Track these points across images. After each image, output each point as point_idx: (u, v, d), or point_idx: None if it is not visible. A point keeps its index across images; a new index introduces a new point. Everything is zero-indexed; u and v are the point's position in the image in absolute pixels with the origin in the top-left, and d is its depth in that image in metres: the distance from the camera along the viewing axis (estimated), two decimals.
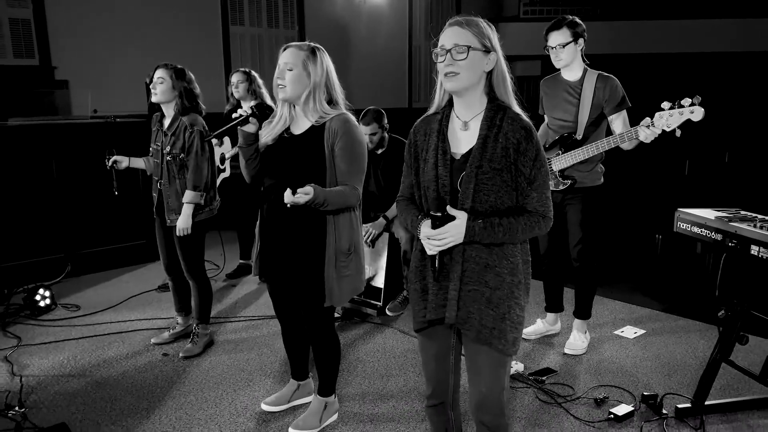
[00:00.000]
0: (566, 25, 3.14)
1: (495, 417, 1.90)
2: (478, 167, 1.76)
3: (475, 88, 1.79)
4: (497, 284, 1.79)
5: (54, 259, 4.77)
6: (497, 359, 1.84)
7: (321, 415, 2.72)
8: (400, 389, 3.07)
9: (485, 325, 1.80)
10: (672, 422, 2.74)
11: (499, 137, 1.76)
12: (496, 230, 1.74)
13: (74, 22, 5.95)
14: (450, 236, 1.76)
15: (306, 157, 2.42)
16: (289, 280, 2.56)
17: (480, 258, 1.79)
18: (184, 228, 3.24)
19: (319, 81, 2.37)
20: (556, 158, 3.23)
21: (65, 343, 3.63)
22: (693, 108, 2.82)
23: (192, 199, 3.24)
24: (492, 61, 1.77)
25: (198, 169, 3.24)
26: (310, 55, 2.36)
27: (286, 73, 2.35)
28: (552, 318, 3.70)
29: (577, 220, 3.30)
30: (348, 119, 2.41)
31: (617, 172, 3.81)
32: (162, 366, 3.33)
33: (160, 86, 3.21)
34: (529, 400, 2.96)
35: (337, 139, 2.37)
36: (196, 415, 2.83)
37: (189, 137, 3.22)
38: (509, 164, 1.75)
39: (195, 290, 3.46)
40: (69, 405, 2.92)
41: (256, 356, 3.45)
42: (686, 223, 2.79)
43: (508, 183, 1.77)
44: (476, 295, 1.80)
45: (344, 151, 2.38)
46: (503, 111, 1.79)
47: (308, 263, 2.47)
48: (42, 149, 4.73)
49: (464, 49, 1.72)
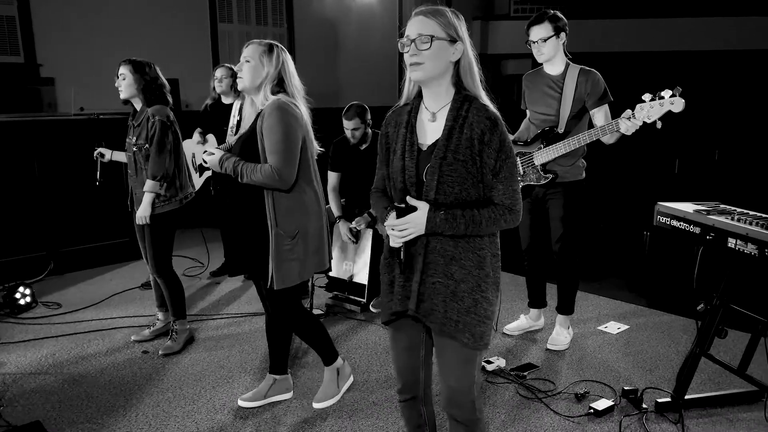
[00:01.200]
0: (548, 19, 3.13)
1: (465, 412, 1.88)
2: (442, 158, 1.74)
3: (441, 78, 1.77)
4: (462, 277, 1.77)
5: (36, 257, 4.73)
6: (465, 354, 1.82)
7: (337, 381, 2.84)
8: (380, 384, 3.05)
9: (450, 318, 1.78)
10: (652, 416, 2.73)
11: (464, 128, 1.74)
12: (458, 221, 1.72)
13: (60, 20, 5.90)
14: (411, 227, 1.74)
15: (247, 144, 2.53)
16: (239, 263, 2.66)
17: (445, 250, 1.77)
18: (142, 216, 3.23)
19: (272, 73, 2.50)
20: (538, 152, 3.21)
21: (44, 340, 3.59)
22: (673, 99, 2.81)
23: (150, 188, 3.22)
24: (458, 51, 1.74)
25: (157, 158, 3.21)
26: (266, 50, 2.52)
27: (244, 65, 2.52)
28: (535, 314, 3.69)
29: (559, 215, 3.28)
30: (280, 103, 2.46)
31: (602, 168, 3.80)
32: (141, 363, 3.30)
33: (123, 82, 3.24)
34: (510, 395, 2.94)
35: (264, 119, 2.46)
36: (173, 413, 2.80)
37: (151, 127, 3.21)
38: (474, 155, 1.73)
39: (164, 286, 3.43)
40: (44, 403, 2.89)
41: (236, 353, 3.42)
42: (666, 216, 2.78)
43: (474, 174, 1.74)
44: (440, 288, 1.78)
45: (268, 130, 2.45)
46: (470, 102, 1.77)
47: (254, 247, 2.55)
48: (24, 146, 4.69)
49: (428, 38, 1.70)
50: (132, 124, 3.32)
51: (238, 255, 2.63)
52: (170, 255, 3.41)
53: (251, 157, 2.49)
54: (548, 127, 3.22)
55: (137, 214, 3.25)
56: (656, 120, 2.85)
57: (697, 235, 2.58)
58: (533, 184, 3.25)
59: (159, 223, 3.26)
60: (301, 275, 2.58)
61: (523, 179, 3.27)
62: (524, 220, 3.42)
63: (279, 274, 2.52)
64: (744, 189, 6.26)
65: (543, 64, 3.27)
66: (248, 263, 2.61)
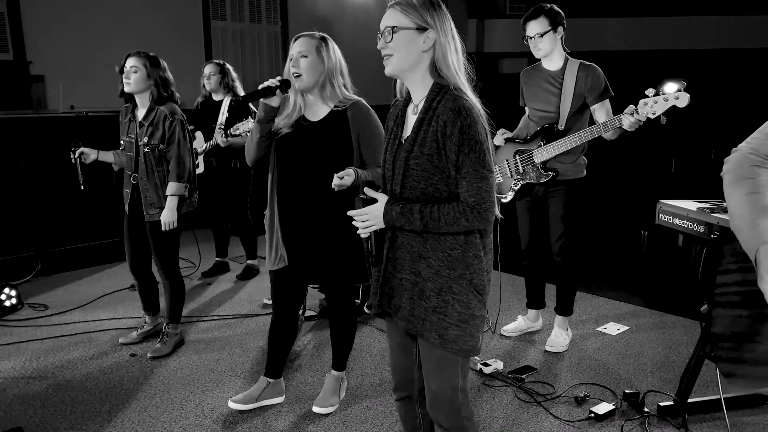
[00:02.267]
0: (544, 13, 3.05)
1: (448, 417, 1.80)
2: (409, 151, 1.69)
3: (415, 69, 1.69)
4: (429, 276, 1.69)
5: (23, 257, 4.62)
6: (443, 356, 1.74)
7: (339, 390, 2.82)
8: (375, 388, 2.96)
9: (416, 315, 1.72)
10: (654, 421, 2.65)
11: (432, 120, 1.65)
12: (414, 216, 1.64)
13: (50, 16, 5.80)
14: (370, 218, 1.71)
15: (331, 143, 2.45)
16: (319, 267, 2.60)
17: (412, 247, 1.71)
18: (170, 221, 3.11)
19: (334, 66, 2.44)
20: (538, 150, 3.13)
21: (28, 343, 3.49)
22: (678, 94, 2.73)
23: (177, 190, 3.11)
24: (430, 39, 1.65)
25: (181, 159, 3.11)
26: (322, 42, 2.42)
27: (300, 60, 2.38)
28: (533, 315, 3.61)
29: (560, 213, 3.20)
30: (367, 106, 2.51)
31: (602, 167, 3.73)
32: (128, 367, 3.20)
33: (134, 75, 3.07)
34: (508, 399, 2.86)
35: (364, 126, 2.46)
36: (160, 418, 2.71)
37: (170, 127, 3.09)
38: (439, 149, 1.64)
39: (168, 289, 3.33)
40: (27, 408, 2.79)
41: (227, 356, 3.33)
42: (668, 215, 2.71)
43: (442, 169, 1.65)
44: (407, 284, 1.72)
45: (372, 137, 2.47)
46: (444, 92, 1.67)
47: (340, 247, 2.52)
48: (11, 144, 4.58)
49: (390, 30, 1.65)
50: (134, 121, 3.17)
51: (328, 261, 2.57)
52: (177, 256, 3.33)
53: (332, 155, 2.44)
54: (548, 123, 3.14)
55: (163, 219, 3.10)
56: (660, 115, 2.77)
57: (700, 233, 2.50)
58: (533, 182, 3.16)
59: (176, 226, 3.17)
60: None
61: (523, 178, 3.18)
62: (524, 219, 3.35)
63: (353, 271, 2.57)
64: None
65: (541, 60, 3.19)
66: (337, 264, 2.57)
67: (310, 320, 3.83)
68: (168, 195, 3.11)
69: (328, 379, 2.85)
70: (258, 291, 4.39)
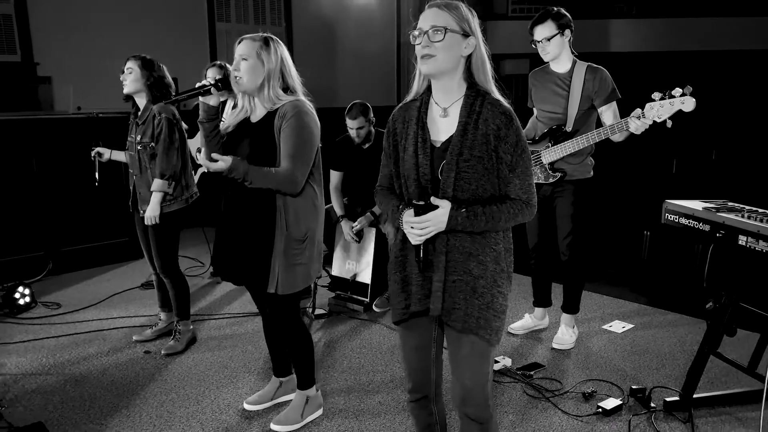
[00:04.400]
0: (551, 17, 3.11)
1: (479, 409, 1.85)
2: (459, 155, 1.71)
3: (453, 72, 1.75)
4: (481, 273, 1.75)
5: (34, 257, 4.68)
6: (481, 350, 1.80)
7: (303, 409, 2.68)
8: (386, 384, 3.02)
9: (471, 314, 1.76)
10: (660, 415, 2.71)
11: (479, 124, 1.71)
12: (479, 219, 1.70)
13: (57, 18, 5.85)
14: (432, 225, 1.71)
15: (259, 143, 2.40)
16: (240, 268, 2.50)
17: (463, 247, 1.75)
18: (151, 216, 3.19)
19: (273, 69, 2.36)
20: (546, 151, 3.20)
21: (44, 341, 3.55)
22: (684, 98, 2.79)
23: (159, 187, 3.18)
24: (471, 45, 1.72)
25: (165, 157, 3.18)
26: (263, 45, 2.35)
27: (241, 63, 2.34)
28: (540, 313, 3.67)
29: (567, 212, 3.26)
30: (300, 104, 2.38)
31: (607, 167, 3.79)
32: (143, 363, 3.26)
33: (129, 77, 3.19)
34: (517, 394, 2.92)
35: (285, 121, 2.35)
36: (177, 413, 2.77)
37: (158, 125, 3.18)
38: (490, 151, 1.71)
39: (170, 286, 3.40)
40: (46, 404, 2.84)
41: (240, 353, 3.39)
42: (674, 214, 2.77)
43: (490, 170, 1.72)
44: (461, 285, 1.76)
45: (287, 133, 2.34)
46: (482, 97, 1.74)
47: (256, 249, 2.43)
48: (22, 145, 4.63)
49: (441, 30, 1.68)
50: (135, 121, 3.27)
51: (235, 259, 2.50)
52: (176, 254, 3.38)
53: (262, 156, 2.37)
54: (556, 125, 3.20)
55: (146, 214, 3.19)
56: (666, 119, 2.83)
57: (706, 232, 2.57)
58: (541, 182, 3.23)
59: (165, 222, 3.22)
60: (306, 280, 2.51)
61: None
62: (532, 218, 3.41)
63: (286, 278, 2.42)
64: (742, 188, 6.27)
65: (549, 62, 3.25)
66: (248, 269, 2.46)
67: (319, 318, 3.89)
68: (151, 191, 3.20)
69: (294, 396, 2.77)
70: None
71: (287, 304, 2.55)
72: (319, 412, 2.74)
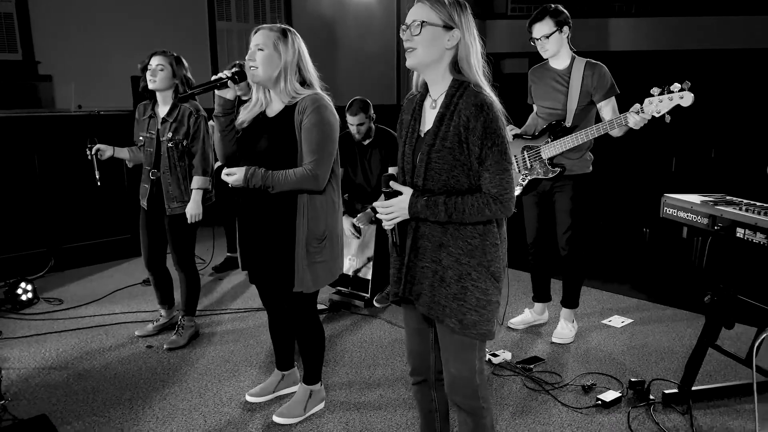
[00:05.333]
0: (549, 14, 3.13)
1: (466, 399, 1.88)
2: (431, 145, 1.76)
3: (437, 65, 1.77)
4: (450, 264, 1.78)
5: (36, 253, 4.70)
6: (461, 340, 1.82)
7: (306, 403, 2.69)
8: (387, 378, 3.05)
9: (437, 302, 1.80)
10: (659, 407, 2.73)
11: (454, 115, 1.73)
12: (439, 208, 1.73)
13: (58, 17, 5.87)
14: (396, 210, 1.79)
15: (278, 138, 2.37)
16: (263, 267, 2.52)
17: (433, 236, 1.79)
18: (196, 214, 3.23)
19: (291, 61, 2.33)
20: (545, 146, 3.22)
21: (47, 336, 3.57)
22: (682, 93, 2.81)
23: (202, 184, 3.24)
24: (455, 38, 1.73)
25: (206, 154, 3.25)
26: (281, 36, 2.33)
27: (257, 53, 2.31)
28: (539, 308, 3.69)
29: (567, 207, 3.29)
30: (319, 98, 2.35)
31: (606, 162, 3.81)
32: (146, 358, 3.28)
33: (160, 73, 3.17)
34: (517, 387, 2.94)
35: (305, 116, 2.32)
36: (179, 406, 2.79)
37: (195, 123, 3.21)
38: (461, 142, 1.72)
39: (183, 282, 3.42)
40: (50, 397, 2.86)
41: (242, 347, 3.41)
42: (673, 208, 2.79)
43: (463, 162, 1.73)
44: (429, 272, 1.80)
45: (309, 129, 2.32)
46: (464, 88, 1.76)
47: (279, 249, 2.42)
48: (24, 142, 4.66)
49: (419, 24, 1.71)
50: (154, 118, 3.27)
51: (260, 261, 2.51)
52: (193, 250, 3.42)
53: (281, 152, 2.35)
54: (555, 120, 3.23)
55: (189, 212, 3.22)
56: (665, 114, 2.85)
57: (704, 225, 2.59)
58: (540, 177, 3.25)
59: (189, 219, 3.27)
60: (328, 278, 2.50)
61: (530, 173, 3.27)
62: (530, 213, 3.43)
63: (309, 277, 2.42)
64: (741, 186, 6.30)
65: (549, 59, 3.27)
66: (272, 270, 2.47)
67: (320, 314, 3.91)
68: (193, 189, 3.23)
69: (298, 389, 2.78)
70: None
71: (308, 301, 2.56)
72: (321, 406, 2.77)
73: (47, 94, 5.85)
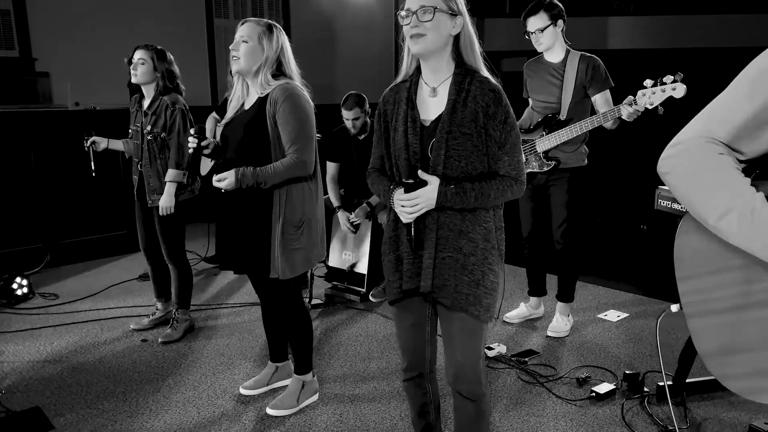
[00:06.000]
0: (543, 8, 3.13)
1: (472, 386, 1.88)
2: (448, 132, 1.74)
3: (442, 52, 1.77)
4: (471, 250, 1.77)
5: (32, 249, 4.70)
6: (472, 326, 1.82)
7: (298, 394, 2.70)
8: (381, 371, 3.04)
9: (460, 291, 1.78)
10: (653, 399, 2.73)
11: (468, 101, 1.73)
12: (468, 195, 1.72)
13: (55, 14, 5.87)
14: (422, 202, 1.73)
15: (252, 130, 2.40)
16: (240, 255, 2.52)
17: (454, 224, 1.78)
18: (167, 207, 3.21)
19: (272, 56, 2.39)
20: (540, 139, 3.22)
21: (42, 330, 3.56)
22: (675, 85, 2.81)
23: (174, 177, 3.21)
24: (459, 24, 1.74)
25: (180, 147, 3.21)
26: (266, 30, 2.38)
27: (240, 45, 2.36)
28: (535, 302, 3.69)
29: (562, 201, 3.29)
30: (290, 87, 2.38)
31: (601, 156, 3.82)
32: (140, 351, 3.28)
33: (141, 67, 3.19)
34: (512, 380, 2.94)
35: (278, 107, 2.35)
36: (173, 398, 2.79)
37: (171, 116, 3.20)
38: (479, 128, 1.73)
39: (175, 275, 3.42)
40: (44, 390, 2.86)
41: (236, 341, 3.41)
42: (667, 200, 2.79)
43: (479, 148, 1.74)
44: (451, 262, 1.78)
45: (284, 118, 2.35)
46: (471, 75, 1.76)
47: (255, 236, 2.45)
48: (20, 137, 4.65)
49: (430, 9, 1.69)
50: (144, 111, 3.27)
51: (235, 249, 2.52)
52: (183, 243, 3.41)
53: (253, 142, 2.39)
54: (550, 114, 3.23)
55: (161, 204, 3.20)
56: (658, 105, 2.85)
57: None
58: (535, 171, 3.25)
59: (177, 212, 3.26)
60: (305, 265, 2.53)
61: (526, 166, 3.27)
62: (525, 207, 3.43)
63: (285, 264, 2.44)
64: None
65: (543, 52, 3.27)
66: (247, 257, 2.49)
67: (316, 308, 3.91)
68: (167, 181, 3.22)
69: (291, 381, 2.79)
70: None
71: (288, 288, 2.58)
72: (315, 398, 2.76)
73: (44, 91, 5.85)
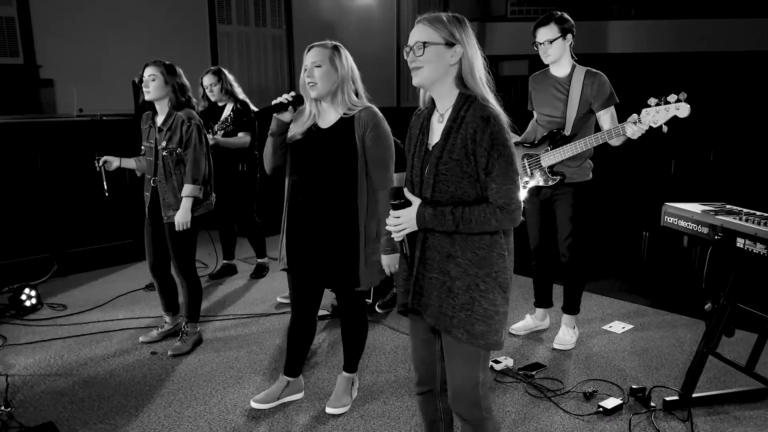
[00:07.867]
0: (554, 20, 3.16)
1: (468, 409, 1.91)
2: (438, 158, 1.80)
3: (442, 81, 1.81)
4: (458, 274, 1.80)
5: (39, 258, 4.72)
6: (467, 351, 1.85)
7: (351, 391, 2.90)
8: (390, 385, 3.07)
9: (444, 313, 1.83)
10: (660, 415, 2.76)
11: (461, 128, 1.78)
12: (446, 218, 1.76)
13: (59, 21, 5.88)
14: (405, 221, 1.82)
15: (337, 148, 2.52)
16: (321, 269, 2.64)
17: (442, 247, 1.82)
18: (183, 222, 3.23)
19: (346, 75, 2.51)
20: (545, 154, 3.25)
21: (51, 342, 3.59)
22: (678, 104, 2.85)
23: (191, 192, 3.23)
24: (457, 53, 1.78)
25: (197, 162, 3.24)
26: (335, 51, 2.50)
27: (314, 70, 2.46)
28: (541, 313, 3.72)
29: (567, 215, 3.32)
30: (377, 111, 2.55)
31: (605, 169, 3.85)
32: (150, 364, 3.30)
33: (152, 83, 3.20)
34: (519, 394, 2.97)
35: (368, 130, 2.51)
36: (185, 413, 2.81)
37: (187, 131, 3.22)
38: (468, 154, 1.76)
39: (185, 288, 3.44)
40: (56, 404, 2.89)
41: (245, 354, 3.44)
42: (673, 217, 2.82)
43: (470, 174, 1.77)
44: (437, 283, 1.83)
45: (376, 141, 2.52)
46: (470, 102, 1.80)
47: (343, 250, 2.58)
48: (27, 147, 4.68)
49: (421, 45, 1.77)
50: (159, 128, 3.28)
51: (325, 264, 2.62)
52: (194, 257, 3.43)
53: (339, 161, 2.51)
54: (555, 129, 3.25)
55: (177, 219, 3.22)
56: (662, 124, 2.89)
57: (705, 235, 2.62)
58: (541, 185, 3.28)
59: (191, 227, 3.28)
60: (381, 275, 2.65)
61: (531, 180, 3.30)
62: (533, 220, 3.46)
63: (368, 274, 2.60)
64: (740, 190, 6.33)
65: (549, 66, 3.30)
66: (339, 271, 2.61)
67: (322, 319, 3.93)
68: (183, 196, 3.23)
69: (339, 380, 2.92)
70: (270, 290, 4.49)
71: (361, 297, 2.78)
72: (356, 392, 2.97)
73: (49, 98, 5.87)
